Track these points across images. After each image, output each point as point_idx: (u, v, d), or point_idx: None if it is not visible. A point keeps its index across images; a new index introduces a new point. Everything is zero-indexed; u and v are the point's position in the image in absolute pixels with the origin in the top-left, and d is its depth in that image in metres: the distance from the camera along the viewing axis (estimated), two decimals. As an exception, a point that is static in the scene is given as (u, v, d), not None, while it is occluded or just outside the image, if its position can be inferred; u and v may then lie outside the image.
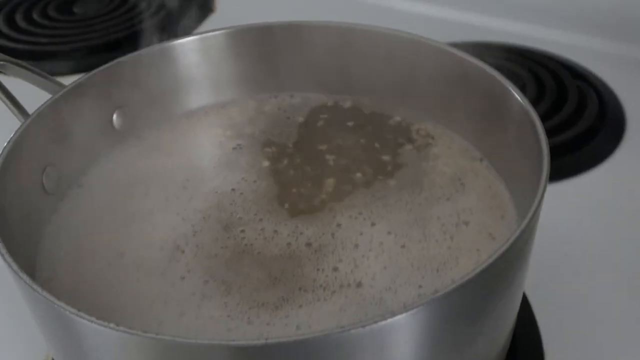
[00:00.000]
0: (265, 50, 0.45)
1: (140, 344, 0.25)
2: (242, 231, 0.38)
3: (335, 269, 0.35)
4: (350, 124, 0.45)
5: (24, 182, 0.37)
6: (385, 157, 0.42)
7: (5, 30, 0.71)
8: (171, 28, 0.72)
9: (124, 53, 0.43)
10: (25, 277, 0.28)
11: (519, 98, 0.35)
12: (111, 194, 0.41)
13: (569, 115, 0.58)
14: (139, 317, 0.33)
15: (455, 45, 0.60)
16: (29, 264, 0.36)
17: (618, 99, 0.60)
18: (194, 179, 0.42)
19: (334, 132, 0.44)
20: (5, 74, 0.41)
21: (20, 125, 0.37)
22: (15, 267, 0.28)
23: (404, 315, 0.26)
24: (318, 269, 0.35)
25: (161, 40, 0.45)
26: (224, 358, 0.25)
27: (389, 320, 0.25)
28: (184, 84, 0.45)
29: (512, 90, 0.35)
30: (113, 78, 0.42)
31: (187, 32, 0.69)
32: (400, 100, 0.44)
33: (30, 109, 0.39)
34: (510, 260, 0.29)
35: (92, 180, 0.42)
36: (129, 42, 0.70)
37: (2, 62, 0.40)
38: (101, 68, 0.42)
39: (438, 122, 0.43)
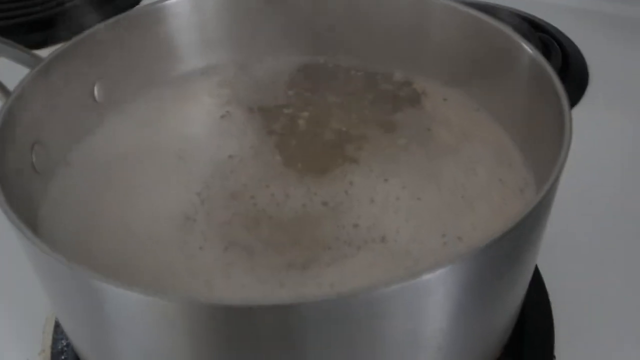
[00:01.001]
0: (249, 12, 0.45)
1: (188, 310, 0.25)
2: (252, 197, 0.37)
3: (356, 226, 0.35)
4: (340, 83, 0.45)
5: (17, 161, 0.35)
6: (382, 115, 0.42)
7: None
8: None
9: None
10: (53, 253, 0.27)
11: (530, 51, 0.36)
12: (102, 170, 0.40)
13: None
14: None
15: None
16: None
17: (580, 51, 0.62)
18: (188, 149, 0.41)
19: (323, 93, 0.44)
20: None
21: (5, 103, 0.36)
22: (30, 235, 0.27)
23: (453, 265, 0.26)
24: (338, 226, 0.35)
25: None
26: (261, 319, 0.25)
27: (443, 269, 0.26)
28: (163, 51, 0.44)
29: (523, 44, 0.37)
30: (91, 47, 0.41)
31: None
32: (390, 58, 0.44)
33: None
34: (539, 214, 0.30)
35: (79, 157, 0.40)
36: (58, 20, 0.67)
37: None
38: (80, 36, 0.40)
39: (432, 77, 0.44)
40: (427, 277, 0.25)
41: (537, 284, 0.42)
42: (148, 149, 0.41)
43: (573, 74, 0.61)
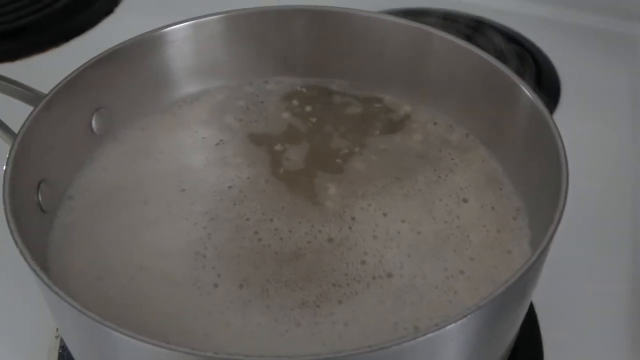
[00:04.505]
0: (242, 38, 0.47)
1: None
2: (256, 233, 0.40)
3: (363, 262, 0.39)
4: (334, 109, 0.48)
5: (26, 202, 0.37)
6: (376, 143, 0.45)
7: None
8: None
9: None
10: (72, 301, 0.30)
11: (530, 95, 0.40)
12: (104, 203, 0.42)
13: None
14: (182, 332, 0.35)
15: (391, 12, 0.65)
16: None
17: (552, 63, 0.67)
18: (188, 180, 0.43)
19: (316, 119, 0.47)
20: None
21: (12, 146, 0.37)
22: (46, 279, 0.31)
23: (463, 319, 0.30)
24: (347, 263, 0.38)
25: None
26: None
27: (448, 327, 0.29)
28: (158, 79, 0.46)
29: (522, 86, 0.41)
30: (90, 80, 0.42)
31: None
32: (382, 83, 0.48)
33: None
34: (533, 272, 0.33)
35: (80, 191, 0.42)
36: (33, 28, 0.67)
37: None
38: (79, 69, 0.42)
39: (420, 103, 0.47)
40: (430, 335, 0.29)
41: (529, 316, 0.45)
42: (148, 181, 0.43)
43: (546, 85, 0.66)
